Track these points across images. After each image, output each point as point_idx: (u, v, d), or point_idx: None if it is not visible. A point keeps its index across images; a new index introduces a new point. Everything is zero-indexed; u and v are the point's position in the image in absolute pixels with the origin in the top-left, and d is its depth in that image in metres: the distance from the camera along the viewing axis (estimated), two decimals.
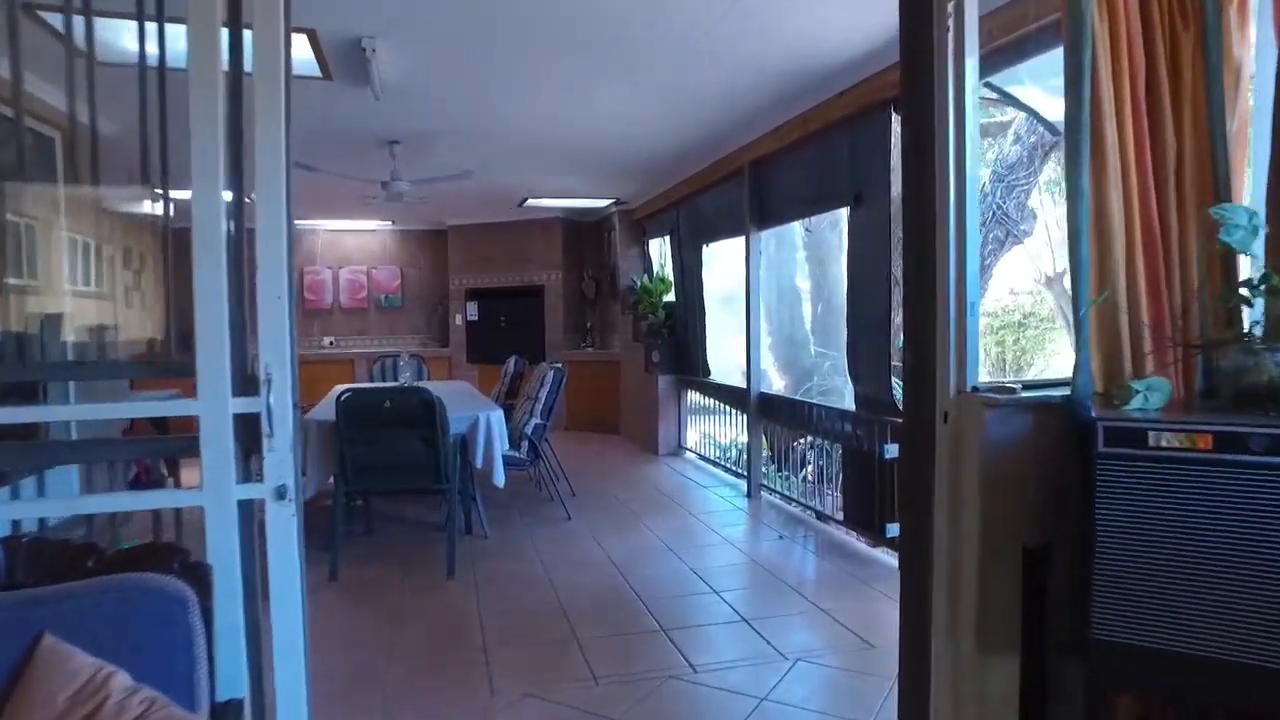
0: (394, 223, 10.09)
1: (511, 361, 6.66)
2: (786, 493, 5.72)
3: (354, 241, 10.35)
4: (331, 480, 4.25)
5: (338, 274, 10.28)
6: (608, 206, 8.73)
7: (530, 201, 8.33)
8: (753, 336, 5.67)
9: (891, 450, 4.01)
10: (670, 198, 7.39)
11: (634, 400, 8.29)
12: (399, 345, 10.28)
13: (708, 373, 7.02)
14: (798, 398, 5.84)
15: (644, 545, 4.64)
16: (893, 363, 4.07)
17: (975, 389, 1.91)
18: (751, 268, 5.65)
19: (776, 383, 7.44)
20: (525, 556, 4.43)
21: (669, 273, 7.83)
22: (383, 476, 4.23)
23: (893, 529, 4.06)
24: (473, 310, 9.93)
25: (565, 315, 9.54)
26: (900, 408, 4.22)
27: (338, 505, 4.16)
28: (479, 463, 4.63)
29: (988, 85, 3.93)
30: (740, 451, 6.87)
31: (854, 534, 4.67)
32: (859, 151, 4.32)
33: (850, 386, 4.73)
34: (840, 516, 4.86)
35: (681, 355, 7.44)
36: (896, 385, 3.72)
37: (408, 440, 4.12)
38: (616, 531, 4.92)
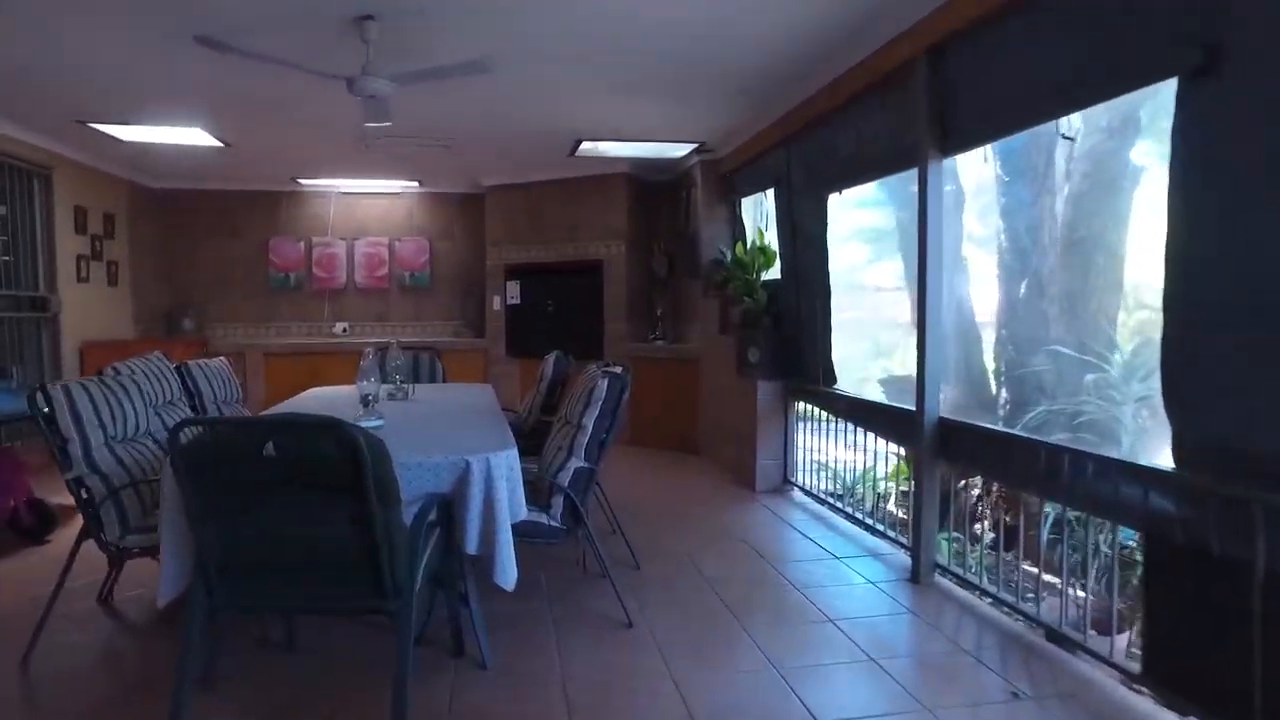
0: (420, 183, 8.21)
1: (550, 361, 4.64)
2: (965, 574, 3.56)
3: (372, 207, 8.51)
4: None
5: (353, 246, 8.47)
6: (687, 156, 6.64)
7: (585, 146, 6.30)
8: (930, 328, 3.50)
9: None
10: (775, 135, 5.26)
11: (720, 413, 6.20)
12: (426, 333, 8.46)
13: (832, 380, 4.88)
14: (1023, 433, 3.63)
15: (758, 696, 2.56)
16: None
17: None
18: (931, 217, 3.49)
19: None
20: None
21: (771, 241, 5.71)
22: (272, 584, 2.24)
23: None
24: (514, 292, 7.99)
25: (629, 299, 7.44)
26: None
27: (190, 635, 2.20)
28: (473, 546, 2.62)
29: None
30: (876, 493, 4.74)
31: (1152, 694, 2.52)
32: None
33: (1137, 420, 2.57)
34: (1124, 654, 2.69)
35: (789, 354, 5.32)
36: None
37: (319, 518, 2.12)
38: (707, 655, 2.86)
